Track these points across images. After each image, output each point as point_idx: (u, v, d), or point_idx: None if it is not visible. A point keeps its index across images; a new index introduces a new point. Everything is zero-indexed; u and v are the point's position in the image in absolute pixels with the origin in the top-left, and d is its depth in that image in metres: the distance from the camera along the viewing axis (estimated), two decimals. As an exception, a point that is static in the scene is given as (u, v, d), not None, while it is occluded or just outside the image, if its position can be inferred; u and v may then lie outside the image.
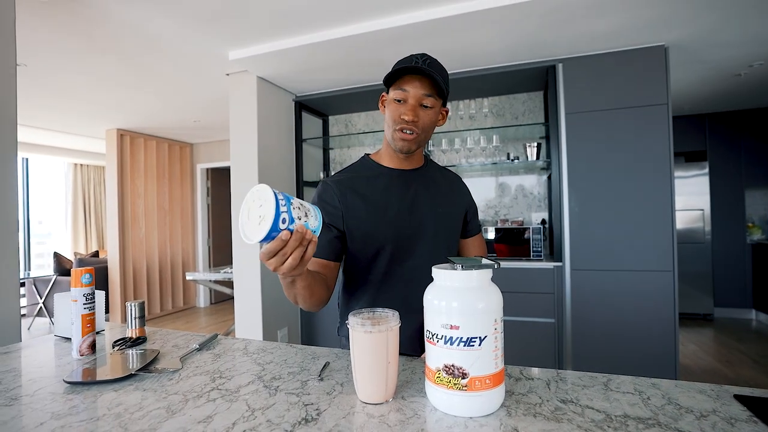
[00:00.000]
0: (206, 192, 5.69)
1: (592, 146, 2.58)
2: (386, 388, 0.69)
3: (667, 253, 2.43)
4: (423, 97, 0.92)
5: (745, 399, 0.65)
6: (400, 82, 0.92)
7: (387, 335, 0.68)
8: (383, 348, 0.68)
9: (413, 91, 0.91)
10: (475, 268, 0.64)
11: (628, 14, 2.15)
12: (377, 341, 0.68)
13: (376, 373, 0.68)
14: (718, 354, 3.25)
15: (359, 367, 0.69)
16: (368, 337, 0.68)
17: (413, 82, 0.91)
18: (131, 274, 4.76)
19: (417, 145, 0.97)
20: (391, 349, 0.69)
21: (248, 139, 2.94)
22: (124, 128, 4.67)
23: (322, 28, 2.34)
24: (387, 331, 0.68)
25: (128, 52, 2.56)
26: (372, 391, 0.69)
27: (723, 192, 4.24)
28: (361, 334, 0.68)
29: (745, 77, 3.20)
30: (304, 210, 0.70)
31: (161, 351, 0.99)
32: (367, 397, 0.69)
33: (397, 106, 0.93)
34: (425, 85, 0.91)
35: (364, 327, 0.68)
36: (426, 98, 0.92)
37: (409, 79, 0.92)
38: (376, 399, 0.69)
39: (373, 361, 0.68)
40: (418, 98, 0.92)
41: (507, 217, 3.30)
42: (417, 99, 0.92)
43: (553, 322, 2.64)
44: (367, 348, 0.68)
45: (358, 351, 0.69)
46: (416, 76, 0.91)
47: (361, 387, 0.70)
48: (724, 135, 4.26)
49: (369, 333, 0.68)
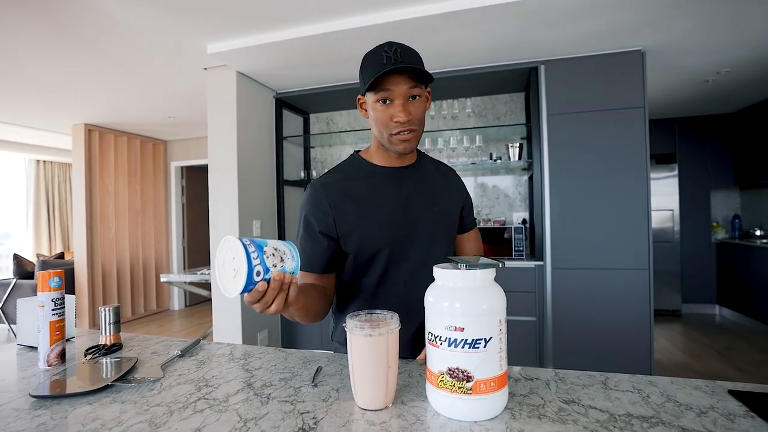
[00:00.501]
0: (181, 191, 5.51)
1: (572, 147, 2.63)
2: (386, 394, 0.66)
3: (643, 251, 2.50)
4: (409, 91, 0.85)
5: (739, 394, 0.66)
6: (381, 83, 0.85)
7: (387, 338, 0.66)
8: (383, 352, 0.65)
9: (398, 89, 0.84)
10: (479, 268, 0.62)
11: (607, 18, 2.20)
12: (377, 345, 0.65)
13: (376, 378, 0.65)
14: (687, 348, 3.38)
15: (358, 372, 0.66)
16: (368, 340, 0.65)
17: (394, 80, 0.84)
18: (100, 276, 4.55)
19: (417, 141, 0.91)
20: (391, 352, 0.66)
21: (227, 137, 2.85)
22: (93, 123, 4.46)
23: (304, 23, 2.29)
24: (387, 334, 0.66)
25: (97, 42, 2.43)
26: (372, 397, 0.66)
27: (691, 193, 4.42)
28: (361, 338, 0.66)
29: (713, 83, 3.34)
30: (279, 255, 0.68)
31: (139, 359, 0.94)
32: (367, 404, 0.66)
33: (384, 108, 0.87)
34: (408, 79, 0.85)
35: (363, 330, 0.65)
36: (411, 90, 0.85)
37: (389, 78, 0.84)
38: (376, 405, 0.66)
39: (373, 365, 0.65)
40: (405, 94, 0.85)
41: (489, 216, 3.33)
42: (404, 95, 0.85)
43: (535, 321, 2.67)
44: (367, 352, 0.65)
45: (357, 355, 0.67)
46: (395, 73, 0.84)
47: (359, 393, 0.67)
48: (692, 138, 4.44)
49: (369, 336, 0.65)
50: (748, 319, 3.90)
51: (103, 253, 4.62)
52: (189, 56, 2.66)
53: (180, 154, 5.41)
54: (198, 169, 5.69)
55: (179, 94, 3.49)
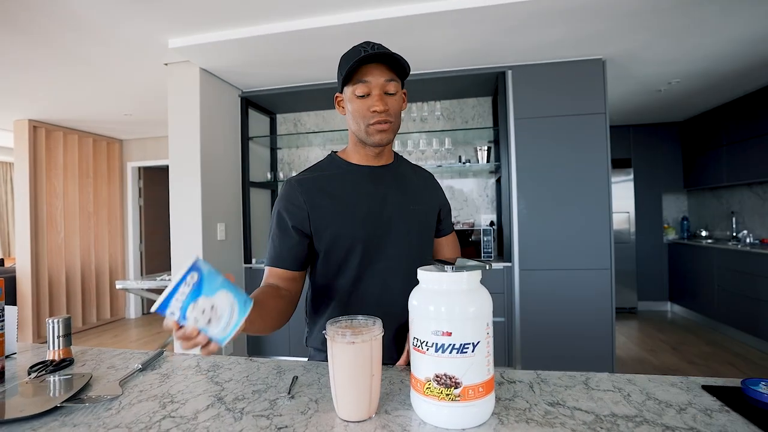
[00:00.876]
0: (138, 193, 5.22)
1: (538, 151, 2.70)
2: (369, 404, 0.63)
3: (605, 252, 2.61)
4: (386, 84, 0.87)
5: (712, 389, 0.68)
6: (358, 75, 0.86)
7: (371, 345, 0.63)
8: (367, 359, 0.62)
9: (375, 80, 0.86)
10: (465, 270, 0.60)
11: (569, 27, 2.28)
12: (360, 352, 0.62)
13: (359, 388, 0.62)
14: (643, 344, 3.55)
15: (340, 382, 0.63)
16: (350, 348, 0.62)
17: (372, 72, 0.86)
18: (46, 284, 4.21)
19: (393, 133, 0.92)
20: (375, 360, 0.63)
21: (189, 136, 2.72)
22: (39, 119, 4.14)
23: (273, 20, 2.22)
24: (371, 340, 0.63)
25: (43, 32, 2.25)
26: (354, 408, 0.62)
27: (645, 196, 4.67)
28: (343, 346, 0.62)
29: (665, 93, 3.55)
30: (208, 316, 0.57)
31: (94, 375, 0.85)
32: (349, 415, 0.63)
33: (361, 101, 0.88)
34: (384, 71, 0.87)
35: (345, 337, 0.62)
36: (388, 84, 0.87)
37: (366, 70, 0.86)
38: (359, 416, 0.62)
39: (356, 374, 0.62)
40: (382, 86, 0.86)
41: (458, 219, 3.36)
42: (381, 87, 0.86)
43: (504, 321, 2.72)
44: (350, 360, 0.62)
45: (339, 364, 0.63)
46: (373, 65, 0.86)
47: (341, 404, 0.63)
48: (646, 144, 4.70)
49: (352, 344, 0.62)
50: (697, 315, 4.16)
51: (51, 259, 4.29)
52: (148, 50, 2.52)
53: (137, 154, 5.13)
54: (157, 170, 5.41)
55: (137, 91, 3.30)
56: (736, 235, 4.07)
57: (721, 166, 4.00)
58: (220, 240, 2.90)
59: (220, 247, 2.89)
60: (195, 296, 0.56)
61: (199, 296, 0.56)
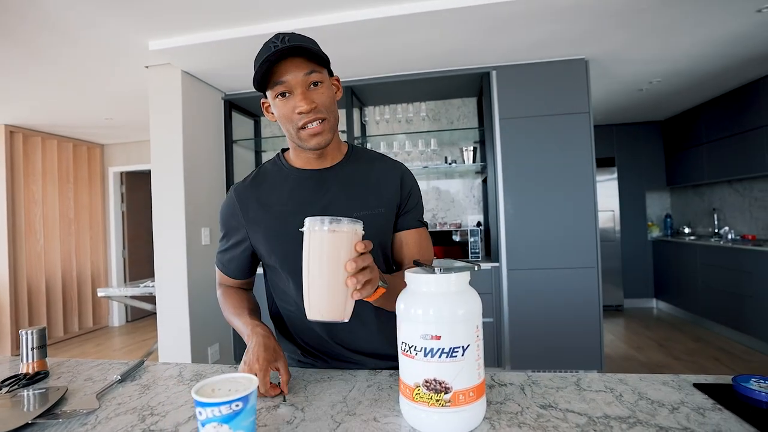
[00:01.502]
0: (120, 198, 5.11)
1: (524, 151, 2.72)
2: (345, 303, 0.62)
3: (591, 250, 2.63)
4: (306, 78, 0.78)
5: (704, 387, 0.68)
6: (275, 77, 0.78)
7: (351, 237, 0.62)
8: (346, 252, 0.61)
9: (293, 77, 0.77)
10: (454, 271, 0.59)
11: (554, 27, 2.30)
12: (341, 243, 0.61)
13: (335, 283, 0.61)
14: (630, 341, 3.59)
15: (315, 275, 0.62)
16: (331, 237, 0.61)
17: (287, 69, 0.77)
18: (25, 293, 4.08)
19: (331, 132, 0.83)
20: (354, 256, 0.64)
21: (171, 140, 2.66)
22: (15, 124, 4.02)
23: (253, 22, 2.19)
24: (351, 232, 0.62)
25: (19, 32, 2.18)
26: (328, 305, 0.61)
27: (628, 194, 4.74)
28: (322, 234, 0.61)
29: (646, 92, 3.61)
30: None
31: (70, 388, 0.82)
32: (322, 313, 0.61)
33: (284, 102, 0.79)
34: (302, 64, 0.77)
35: (324, 225, 0.61)
36: (309, 77, 0.78)
37: (281, 69, 0.77)
38: (333, 315, 0.61)
39: (334, 266, 0.61)
40: (302, 82, 0.78)
41: (445, 220, 3.36)
42: (302, 84, 0.78)
43: (492, 322, 2.72)
44: (328, 250, 0.61)
45: (315, 255, 0.61)
46: (287, 62, 0.77)
47: (314, 300, 0.62)
48: (629, 143, 4.78)
49: (333, 232, 0.61)
50: (681, 311, 4.23)
51: (30, 268, 4.16)
52: (128, 53, 2.46)
53: (119, 159, 5.02)
54: (140, 175, 5.30)
55: (118, 94, 3.22)
56: (718, 231, 4.16)
57: (702, 163, 4.08)
58: (204, 245, 2.84)
59: (204, 252, 2.84)
60: (224, 421, 0.52)
61: (227, 423, 0.52)
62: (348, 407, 0.67)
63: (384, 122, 3.42)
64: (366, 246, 0.65)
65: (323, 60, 0.80)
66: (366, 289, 0.65)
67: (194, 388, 0.53)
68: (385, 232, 0.91)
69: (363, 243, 0.64)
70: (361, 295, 0.65)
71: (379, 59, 2.65)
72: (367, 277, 0.65)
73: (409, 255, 0.94)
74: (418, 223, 0.96)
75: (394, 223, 0.93)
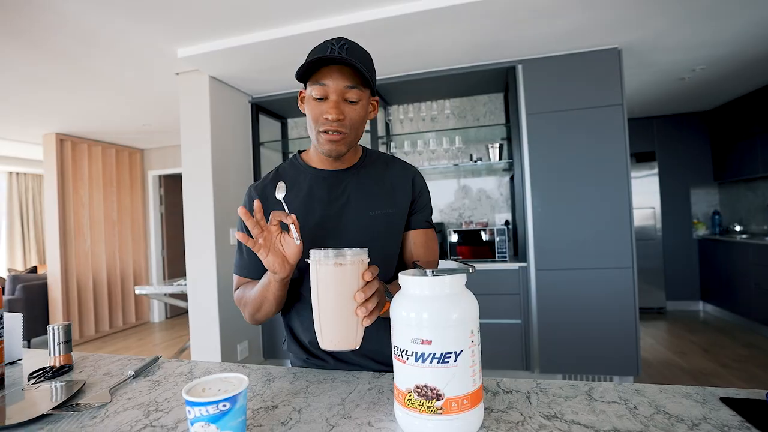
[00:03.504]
0: (159, 200, 5.36)
1: (552, 147, 2.61)
2: (357, 332, 0.63)
3: (626, 250, 2.49)
4: (346, 91, 0.80)
5: (732, 402, 0.62)
6: (318, 76, 0.79)
7: (358, 268, 0.63)
8: (354, 283, 0.62)
9: (333, 84, 0.79)
10: (447, 274, 0.56)
11: (583, 16, 2.19)
12: (348, 275, 0.62)
13: (346, 315, 0.62)
14: (672, 346, 3.38)
15: (325, 308, 0.63)
16: (338, 270, 0.62)
17: (332, 75, 0.79)
18: (75, 290, 4.37)
19: (347, 146, 0.85)
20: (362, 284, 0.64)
21: (201, 144, 2.76)
22: (65, 133, 4.31)
23: (276, 25, 2.23)
24: (357, 263, 0.63)
25: (63, 48, 2.32)
26: (339, 336, 0.62)
27: (671, 191, 4.47)
28: (328, 268, 0.62)
29: (689, 81, 3.38)
30: None
31: (88, 381, 0.85)
32: (335, 343, 0.63)
33: (317, 104, 0.81)
34: (347, 76, 0.79)
35: (329, 259, 0.62)
36: (349, 91, 0.80)
37: (327, 72, 0.79)
38: (346, 344, 0.63)
39: (342, 298, 0.62)
40: (341, 92, 0.80)
41: (471, 219, 3.29)
42: (339, 94, 0.80)
43: (520, 323, 2.63)
44: (336, 283, 0.62)
45: (324, 288, 0.63)
46: (335, 67, 0.79)
47: (326, 332, 0.63)
48: (670, 137, 4.50)
49: (340, 266, 0.62)
50: (731, 315, 3.94)
51: (78, 266, 4.45)
52: (160, 61, 2.57)
53: (158, 163, 5.27)
54: (176, 178, 5.54)
55: (153, 101, 3.38)
56: (772, 229, 3.84)
57: (755, 156, 3.78)
58: (233, 245, 2.93)
59: (233, 252, 2.92)
60: (212, 421, 0.52)
61: (214, 423, 0.52)
62: (345, 410, 0.66)
63: (408, 121, 3.39)
64: (373, 273, 0.67)
65: (369, 81, 0.82)
66: (375, 312, 0.68)
67: (185, 388, 0.54)
68: (392, 233, 0.93)
69: (369, 271, 0.66)
70: (371, 320, 0.67)
71: (401, 57, 2.63)
72: (377, 301, 0.67)
73: (416, 254, 0.97)
74: (425, 224, 0.98)
75: (405, 223, 0.95)
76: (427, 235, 0.97)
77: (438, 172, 3.28)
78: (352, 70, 0.79)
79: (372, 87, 0.85)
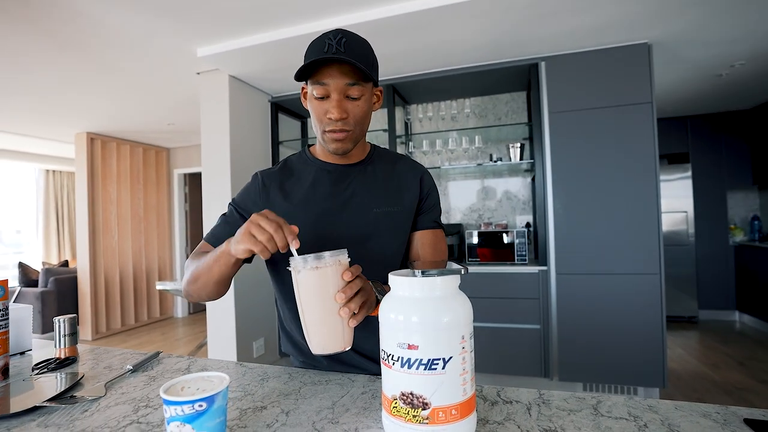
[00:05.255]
0: (184, 198, 5.50)
1: (576, 146, 2.51)
2: (344, 333, 0.62)
3: (654, 255, 2.37)
4: (347, 88, 0.78)
5: (758, 424, 0.55)
6: (317, 75, 0.78)
7: (336, 269, 0.62)
8: (334, 284, 0.61)
9: (334, 83, 0.77)
10: (437, 274, 0.53)
11: (610, 9, 2.09)
12: (327, 278, 0.61)
13: (331, 317, 0.61)
14: (704, 357, 3.20)
15: (309, 313, 0.62)
16: (317, 275, 0.61)
17: (332, 73, 0.77)
18: (103, 284, 4.54)
19: (353, 143, 0.83)
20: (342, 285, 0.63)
21: (220, 142, 2.80)
22: (95, 132, 4.48)
23: (295, 23, 2.23)
24: (335, 264, 0.62)
25: (87, 48, 2.40)
26: (328, 339, 0.62)
27: (706, 194, 4.24)
28: (307, 273, 0.61)
29: (727, 78, 3.19)
30: None
31: (87, 374, 0.86)
32: (323, 347, 0.62)
33: (319, 103, 0.80)
34: (347, 73, 0.77)
35: (307, 263, 0.61)
36: (351, 88, 0.78)
37: (326, 70, 0.77)
38: (335, 347, 0.62)
39: (325, 301, 0.61)
40: (342, 90, 0.78)
41: (491, 220, 3.21)
42: (340, 92, 0.78)
43: (539, 329, 2.54)
44: (315, 287, 0.61)
45: (306, 294, 0.62)
46: (334, 65, 0.77)
47: (314, 337, 0.62)
48: (706, 137, 4.27)
49: (316, 269, 0.61)
50: (770, 326, 3.70)
51: (106, 261, 4.61)
52: (181, 61, 2.63)
53: (183, 162, 5.41)
54: (200, 176, 5.67)
55: (176, 101, 3.47)
56: (818, 236, 3.58)
57: (798, 158, 3.53)
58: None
59: (251, 250, 2.95)
60: (187, 421, 0.50)
61: (189, 423, 0.50)
62: (334, 414, 0.63)
63: (427, 120, 3.34)
64: (353, 273, 0.65)
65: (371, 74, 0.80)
66: (362, 312, 0.66)
67: (164, 386, 0.52)
68: (397, 231, 0.91)
69: (349, 271, 0.64)
70: (357, 320, 0.66)
71: (420, 55, 2.59)
72: (361, 300, 0.66)
73: (423, 255, 0.93)
74: (434, 224, 0.95)
75: (411, 223, 0.93)
76: (435, 235, 0.94)
77: (457, 172, 3.22)
78: (351, 66, 0.77)
79: (375, 78, 0.83)
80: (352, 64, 0.75)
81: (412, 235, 0.94)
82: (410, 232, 0.93)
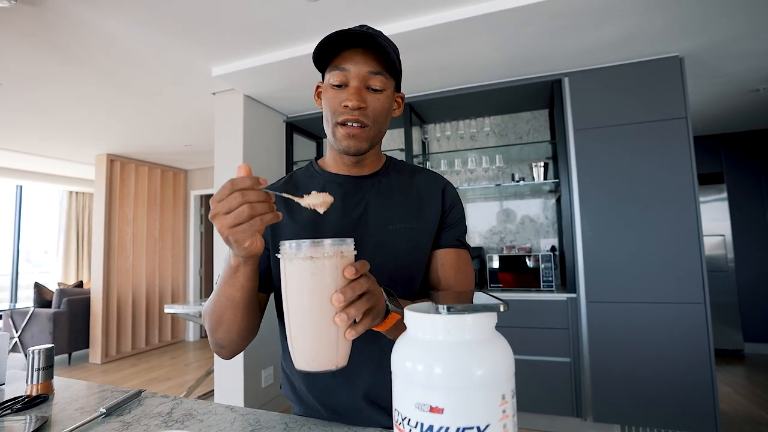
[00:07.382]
0: (200, 220, 5.50)
1: (604, 165, 2.36)
2: (338, 347, 0.47)
3: (696, 283, 2.15)
4: (369, 77, 0.69)
5: None
6: (337, 61, 0.70)
7: (336, 262, 0.46)
8: (332, 282, 0.46)
9: (355, 69, 0.69)
10: (468, 312, 0.40)
11: (637, 20, 1.98)
12: (324, 272, 0.46)
13: (323, 324, 0.46)
14: (754, 396, 2.89)
15: (296, 316, 0.47)
16: (311, 266, 0.45)
17: (354, 58, 0.69)
18: (115, 305, 4.49)
19: (369, 142, 0.73)
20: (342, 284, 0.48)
21: (233, 164, 2.75)
22: (114, 153, 4.54)
23: (309, 41, 2.19)
24: (336, 256, 0.46)
25: (104, 68, 2.40)
26: (317, 353, 0.46)
27: (744, 216, 3.97)
28: (299, 263, 0.46)
29: (764, 92, 3.01)
30: None
31: (53, 418, 0.74)
32: (309, 362, 0.46)
33: (336, 92, 0.70)
34: (370, 61, 0.69)
35: (301, 250, 0.46)
36: (373, 77, 0.69)
37: (348, 55, 0.69)
38: (321, 364, 0.46)
39: (319, 302, 0.46)
40: (363, 78, 0.69)
41: (513, 243, 3.04)
42: (361, 79, 0.69)
43: (569, 362, 2.33)
44: (309, 283, 0.46)
45: (294, 291, 0.47)
46: (357, 50, 0.69)
47: (298, 347, 0.47)
48: (742, 157, 4.03)
49: (311, 259, 0.45)
50: (826, 362, 3.35)
51: (120, 282, 4.58)
52: (197, 82, 2.61)
53: (199, 183, 5.43)
54: (217, 198, 5.69)
55: (192, 122, 3.47)
56: None
57: None
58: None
59: (262, 272, 2.85)
60: None
61: None
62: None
63: (445, 139, 3.25)
64: (358, 269, 0.49)
65: (395, 69, 0.73)
66: (364, 323, 0.50)
67: None
68: (421, 250, 0.78)
69: (353, 267, 0.49)
70: (357, 332, 0.49)
71: (437, 72, 2.51)
72: (365, 307, 0.49)
73: (445, 278, 0.78)
74: (458, 242, 0.81)
75: (433, 241, 0.80)
76: (459, 255, 0.80)
77: (477, 193, 3.09)
78: (376, 55, 0.69)
79: (398, 78, 0.75)
80: (379, 47, 0.67)
81: (433, 254, 0.80)
82: (432, 249, 0.80)
